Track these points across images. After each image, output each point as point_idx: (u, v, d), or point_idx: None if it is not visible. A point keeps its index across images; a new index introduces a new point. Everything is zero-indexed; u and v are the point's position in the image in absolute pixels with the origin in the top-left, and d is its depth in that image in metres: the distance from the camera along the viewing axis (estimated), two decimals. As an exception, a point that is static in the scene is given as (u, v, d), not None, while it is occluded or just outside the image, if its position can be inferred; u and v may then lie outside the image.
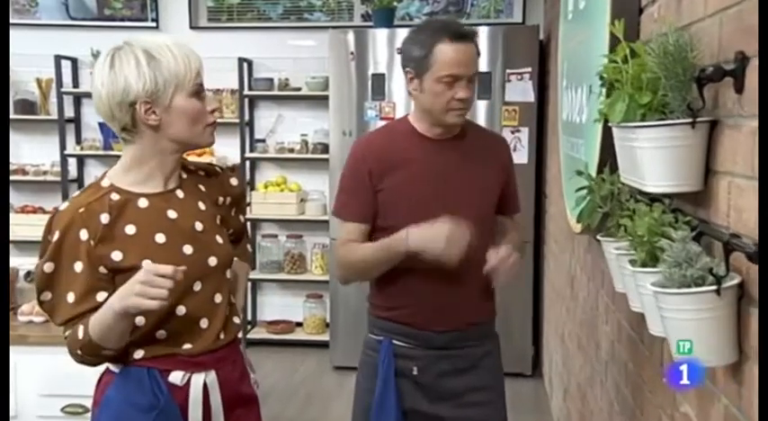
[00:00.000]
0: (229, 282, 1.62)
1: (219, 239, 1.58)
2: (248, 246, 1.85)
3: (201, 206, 1.57)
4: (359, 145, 1.94)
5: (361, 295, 4.47)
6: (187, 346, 1.51)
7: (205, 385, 1.53)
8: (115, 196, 1.47)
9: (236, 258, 1.78)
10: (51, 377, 2.11)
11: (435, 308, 1.87)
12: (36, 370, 2.15)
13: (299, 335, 4.63)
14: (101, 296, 1.44)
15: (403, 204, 1.84)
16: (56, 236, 1.43)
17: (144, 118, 1.44)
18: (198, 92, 1.46)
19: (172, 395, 1.49)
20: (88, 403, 2.16)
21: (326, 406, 3.82)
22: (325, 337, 4.42)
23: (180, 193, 1.54)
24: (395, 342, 1.89)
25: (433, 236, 1.70)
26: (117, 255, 1.44)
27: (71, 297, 1.44)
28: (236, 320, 1.64)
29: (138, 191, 1.49)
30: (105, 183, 1.50)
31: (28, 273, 2.46)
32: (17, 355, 2.17)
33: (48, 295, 1.46)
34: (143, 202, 1.48)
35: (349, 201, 1.89)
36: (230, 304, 1.62)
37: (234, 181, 1.68)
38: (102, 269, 1.44)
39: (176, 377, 1.50)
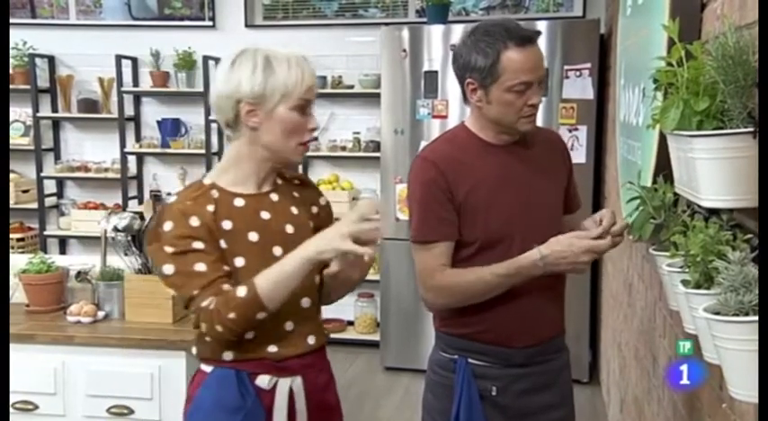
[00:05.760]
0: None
1: None
2: None
3: (294, 210, 1.61)
4: (426, 160, 1.75)
5: (411, 296, 4.46)
6: (273, 349, 1.54)
7: (291, 390, 1.56)
8: (215, 193, 1.55)
9: None
10: (97, 378, 2.14)
11: (517, 322, 1.76)
12: (83, 370, 2.18)
13: (350, 333, 4.63)
14: (227, 266, 1.49)
15: (487, 216, 1.72)
16: (168, 226, 1.48)
17: (245, 118, 1.51)
18: (303, 107, 1.52)
19: (259, 398, 1.53)
20: (133, 404, 2.21)
21: (377, 406, 3.79)
22: (375, 337, 4.39)
23: (274, 197, 1.60)
24: (471, 361, 1.77)
25: (571, 254, 1.63)
26: (222, 243, 1.50)
27: (201, 266, 1.46)
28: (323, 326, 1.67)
29: (234, 190, 1.56)
30: (206, 181, 1.58)
31: (78, 274, 2.49)
32: (65, 355, 2.22)
33: (170, 268, 1.48)
34: (239, 202, 1.55)
35: (431, 220, 1.73)
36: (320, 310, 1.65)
37: (322, 200, 1.71)
38: (222, 243, 1.49)
39: (263, 380, 1.54)
